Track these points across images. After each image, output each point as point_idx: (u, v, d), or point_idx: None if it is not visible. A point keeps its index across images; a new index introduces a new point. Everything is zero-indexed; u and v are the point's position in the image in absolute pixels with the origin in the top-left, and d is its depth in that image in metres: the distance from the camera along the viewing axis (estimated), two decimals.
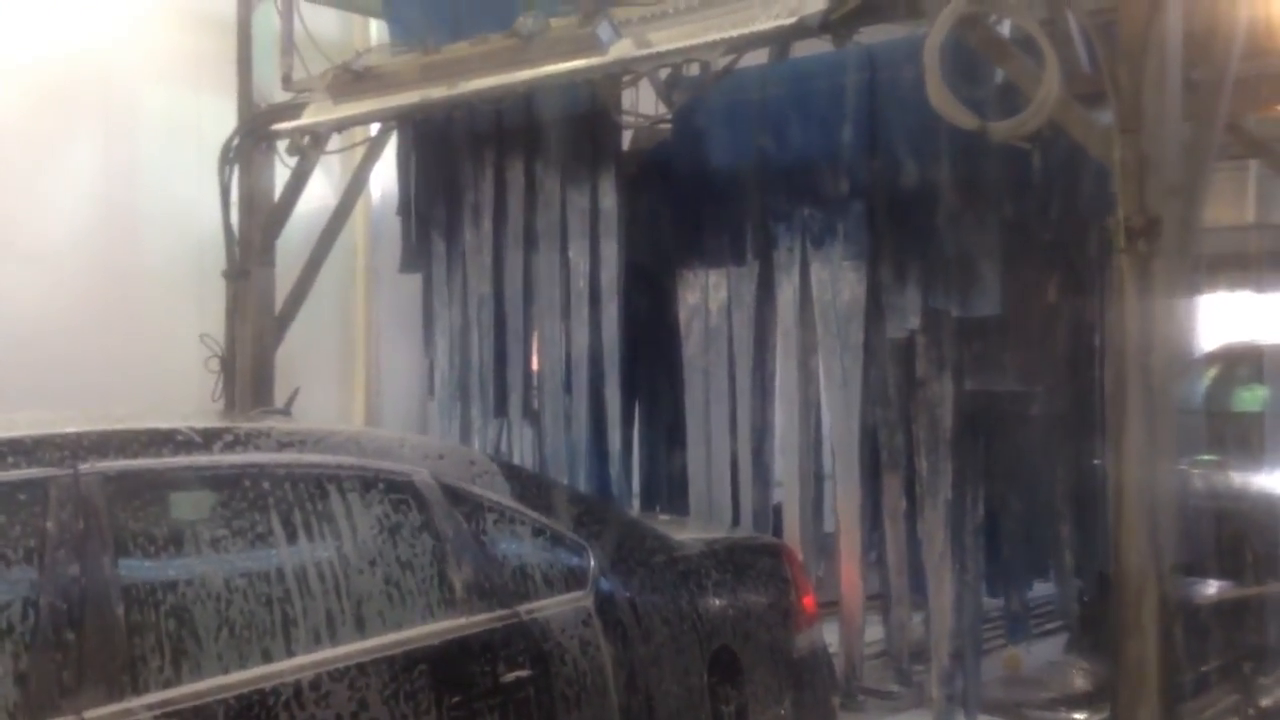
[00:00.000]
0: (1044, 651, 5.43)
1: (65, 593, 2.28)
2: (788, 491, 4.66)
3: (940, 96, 3.07)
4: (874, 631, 4.77)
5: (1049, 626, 5.52)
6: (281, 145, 5.72)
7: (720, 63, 4.06)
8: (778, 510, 4.82)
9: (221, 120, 5.92)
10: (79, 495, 2.38)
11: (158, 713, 2.30)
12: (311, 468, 2.83)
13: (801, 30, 3.43)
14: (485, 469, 3.19)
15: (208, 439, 2.66)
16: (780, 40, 4.08)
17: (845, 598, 4.53)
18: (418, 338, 6.16)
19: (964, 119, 3.11)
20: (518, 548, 3.12)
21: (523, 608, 2.99)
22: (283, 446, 2.83)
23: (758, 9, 3.49)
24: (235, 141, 5.76)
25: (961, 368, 4.31)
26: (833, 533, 4.72)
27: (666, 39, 3.71)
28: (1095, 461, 4.66)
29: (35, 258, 6.18)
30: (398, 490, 2.93)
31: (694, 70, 4.34)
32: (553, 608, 3.06)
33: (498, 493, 3.14)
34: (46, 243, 6.27)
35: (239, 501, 2.74)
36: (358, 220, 7.33)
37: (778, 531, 4.73)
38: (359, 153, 6.33)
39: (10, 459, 2.36)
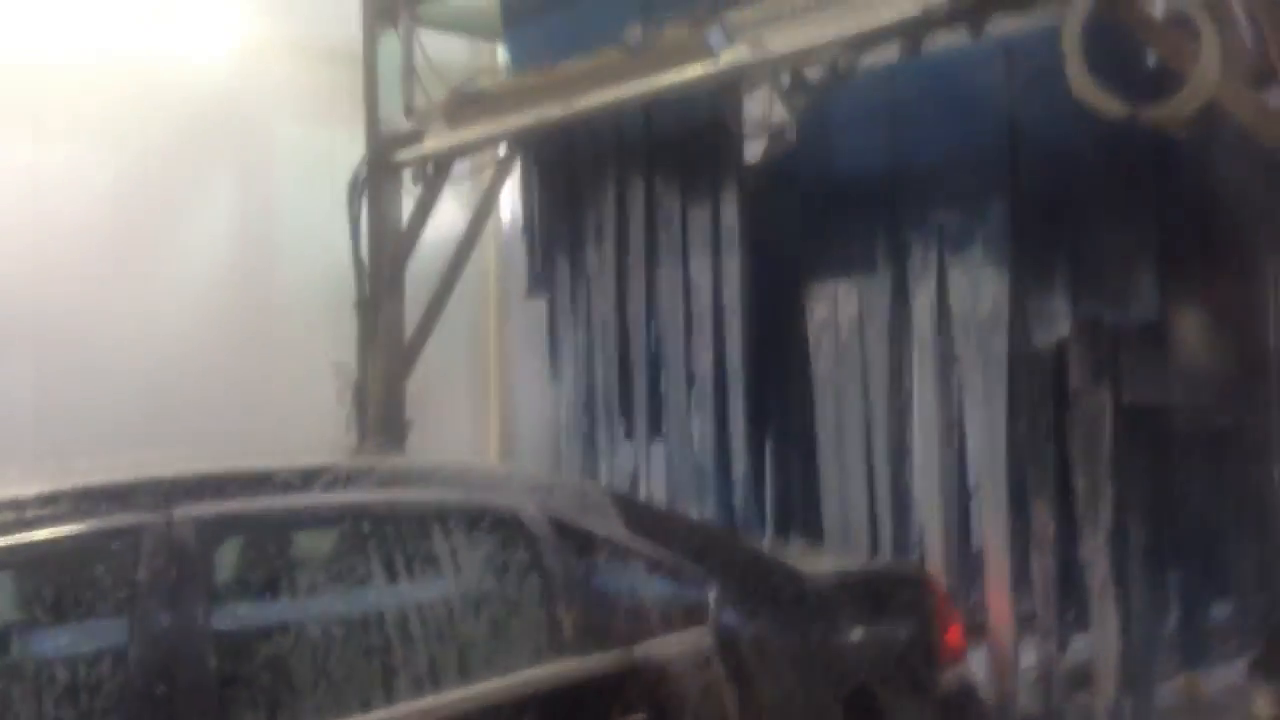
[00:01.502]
0: (1225, 676, 4.96)
1: (157, 643, 2.23)
2: (928, 515, 4.36)
3: (1082, 83, 2.79)
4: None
5: (1230, 649, 5.04)
6: (407, 174, 5.76)
7: (848, 63, 3.84)
8: (921, 536, 4.53)
9: (353, 152, 6.00)
10: (172, 541, 2.33)
11: None
12: (413, 506, 2.74)
13: (928, 22, 3.19)
14: (597, 501, 3.04)
15: (306, 479, 2.59)
16: (905, 34, 3.82)
17: (994, 627, 4.21)
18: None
19: (1110, 106, 2.81)
20: (632, 584, 2.96)
21: (637, 648, 2.82)
22: (384, 484, 2.75)
23: (879, 3, 3.26)
24: (362, 172, 5.81)
25: (1120, 380, 3.95)
26: (981, 554, 4.41)
27: (783, 42, 3.52)
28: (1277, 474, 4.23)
29: (177, 291, 6.41)
30: (504, 526, 2.80)
31: (820, 73, 4.14)
32: (670, 647, 2.88)
33: (610, 526, 2.98)
34: (188, 277, 6.51)
35: (338, 543, 2.68)
36: (488, 245, 7.36)
37: (919, 558, 4.44)
38: (490, 178, 6.34)
39: (103, 505, 2.33)
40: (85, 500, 2.34)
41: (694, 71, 3.70)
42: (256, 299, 6.64)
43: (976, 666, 4.13)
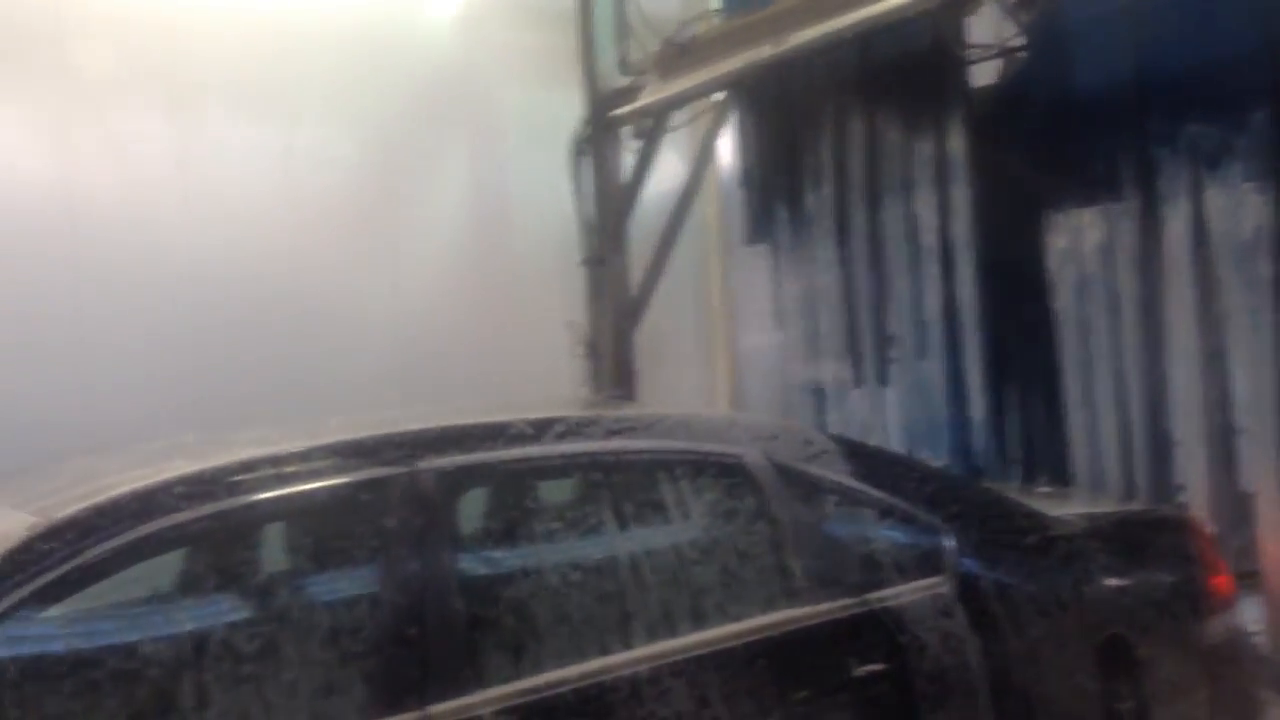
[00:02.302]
0: None
1: (407, 588, 2.34)
2: (1191, 455, 4.05)
3: None
4: None
5: None
6: (626, 130, 5.80)
7: None
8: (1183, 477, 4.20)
9: (575, 112, 6.10)
10: (417, 492, 2.44)
11: (498, 707, 2.31)
12: (640, 454, 2.76)
13: None
14: (823, 448, 2.98)
15: (539, 430, 2.65)
16: None
17: (1268, 571, 3.88)
18: None
19: None
20: (863, 531, 2.88)
21: (872, 596, 2.76)
22: (611, 434, 2.78)
23: None
24: (582, 131, 5.90)
25: None
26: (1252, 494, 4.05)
27: None
28: None
29: (418, 259, 6.73)
30: (730, 474, 2.79)
31: None
32: (907, 595, 2.80)
33: (838, 473, 2.92)
34: (427, 244, 6.81)
35: (571, 491, 2.74)
36: (709, 195, 7.34)
37: (1182, 501, 4.13)
38: (707, 127, 6.30)
39: (353, 460, 2.46)
40: (337, 455, 2.47)
41: None
42: (492, 262, 6.89)
43: (1249, 615, 3.84)
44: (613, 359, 6.04)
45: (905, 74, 4.55)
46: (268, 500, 2.38)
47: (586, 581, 2.55)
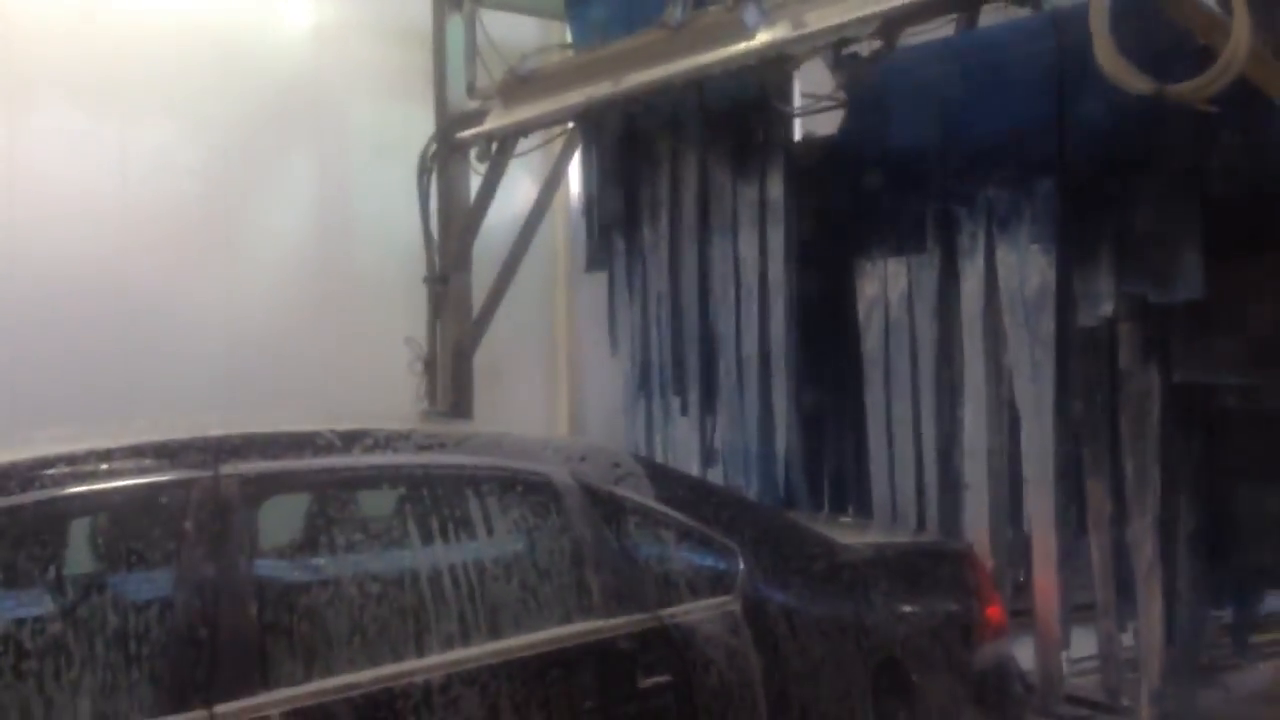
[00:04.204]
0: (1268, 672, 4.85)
1: (200, 591, 2.38)
2: (975, 494, 4.35)
3: (1109, 59, 2.77)
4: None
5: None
6: (474, 152, 5.89)
7: (891, 39, 3.84)
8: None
9: (425, 131, 6.17)
10: (217, 496, 2.48)
11: (286, 709, 2.37)
12: (448, 469, 2.86)
13: None
14: (630, 470, 3.13)
15: (347, 441, 2.72)
16: (939, 9, 3.77)
17: (1039, 607, 4.20)
18: None
19: (1136, 82, 2.78)
20: (660, 551, 3.04)
21: (664, 612, 2.91)
22: (422, 449, 2.87)
23: None
24: (430, 150, 5.97)
25: (1169, 358, 3.90)
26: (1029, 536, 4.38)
27: (821, 19, 3.53)
28: None
29: (257, 266, 6.65)
30: (536, 492, 2.91)
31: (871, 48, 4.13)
32: (697, 613, 2.96)
33: (641, 494, 3.07)
34: (267, 252, 6.74)
35: (376, 503, 2.81)
36: (557, 221, 7.47)
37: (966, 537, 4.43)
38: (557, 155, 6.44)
39: (154, 461, 2.49)
40: (139, 456, 2.49)
41: (733, 49, 3.73)
42: (333, 274, 6.86)
43: (1025, 648, 4.14)
44: (450, 377, 6.10)
45: (735, 121, 4.78)
46: (65, 498, 2.39)
47: (385, 591, 2.63)
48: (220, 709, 2.31)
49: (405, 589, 2.65)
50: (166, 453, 2.50)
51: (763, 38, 3.64)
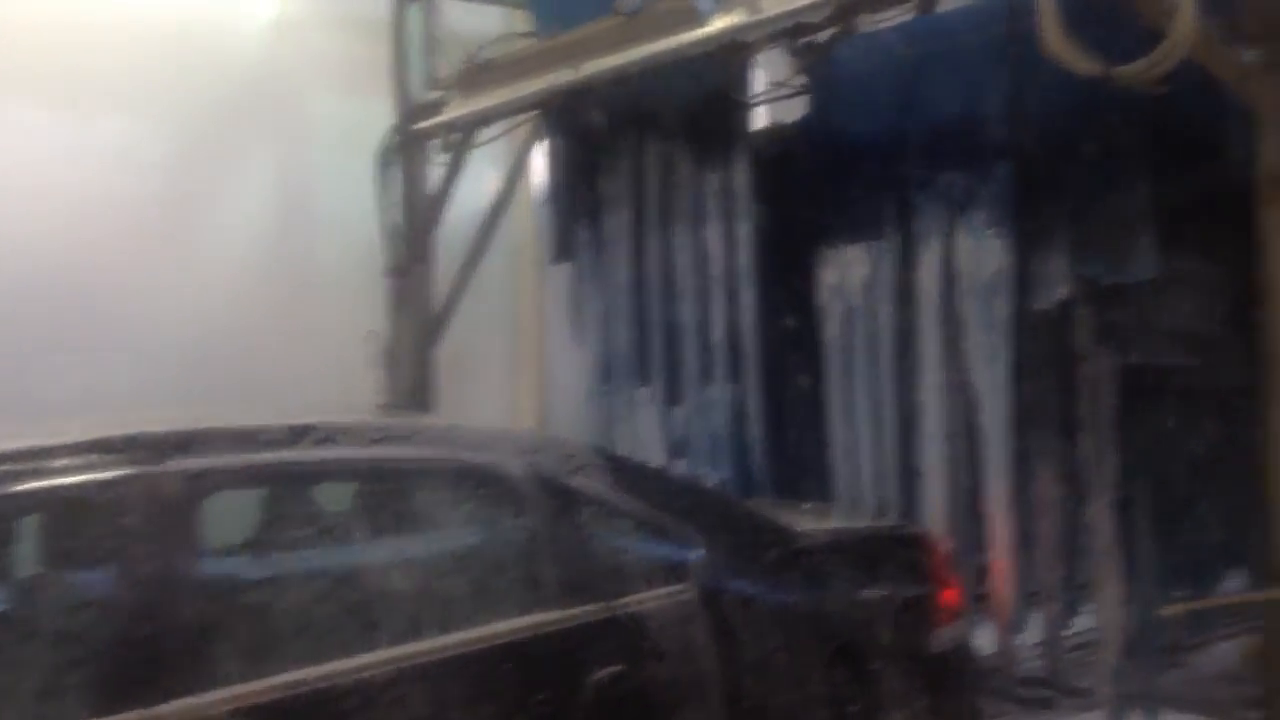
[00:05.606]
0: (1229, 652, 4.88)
1: (143, 588, 2.34)
2: (933, 479, 4.37)
3: (1055, 41, 2.77)
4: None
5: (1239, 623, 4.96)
6: (435, 144, 5.85)
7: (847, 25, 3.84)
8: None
9: (387, 121, 6.10)
10: (161, 492, 2.44)
11: (232, 707, 2.34)
12: (399, 462, 2.83)
13: None
14: (586, 461, 3.10)
15: (296, 435, 2.69)
16: None
17: (996, 591, 4.23)
18: None
19: (1083, 65, 2.79)
20: (615, 541, 3.03)
21: (618, 603, 2.90)
22: (372, 442, 2.84)
23: None
24: (389, 141, 5.92)
25: (1125, 340, 3.93)
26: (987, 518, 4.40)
27: (776, 4, 3.51)
28: None
29: (216, 260, 6.58)
30: (489, 484, 2.89)
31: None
32: (651, 602, 2.95)
33: (597, 485, 3.05)
34: (226, 245, 6.68)
35: (325, 497, 2.78)
36: (522, 212, 7.41)
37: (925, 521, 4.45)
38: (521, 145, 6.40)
39: (97, 457, 2.45)
40: (82, 452, 2.45)
41: (689, 36, 3.72)
42: (293, 267, 6.79)
43: (983, 631, 4.16)
44: (411, 371, 6.06)
45: (696, 110, 4.77)
46: (4, 496, 2.35)
47: (334, 587, 2.60)
48: (164, 709, 2.27)
49: (355, 584, 2.62)
50: (109, 448, 2.46)
51: (718, 24, 3.63)
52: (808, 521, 3.59)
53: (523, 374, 7.76)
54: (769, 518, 3.49)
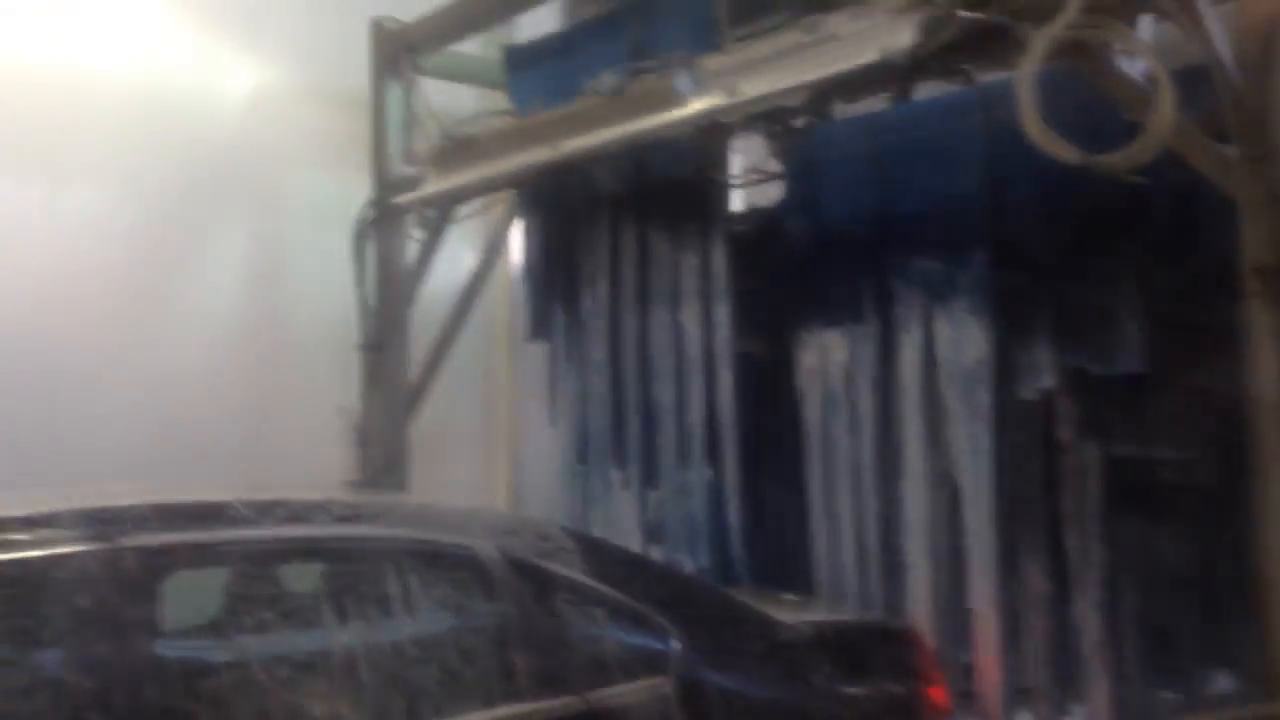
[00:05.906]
0: None
1: (96, 671, 2.23)
2: (917, 572, 4.27)
3: (1037, 129, 2.77)
4: None
5: None
6: (411, 219, 5.82)
7: (824, 110, 3.85)
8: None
9: (364, 196, 6.08)
10: (117, 570, 2.33)
11: None
12: (367, 541, 2.73)
13: (888, 69, 3.18)
14: (560, 545, 3.01)
15: (260, 512, 2.59)
16: (867, 83, 3.76)
17: (983, 688, 4.11)
18: None
19: (1064, 152, 2.78)
20: (591, 629, 2.92)
21: (592, 695, 2.78)
22: (341, 520, 2.74)
23: (848, 49, 3.26)
24: (366, 216, 5.89)
25: (1111, 432, 3.87)
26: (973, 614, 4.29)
27: (754, 88, 3.52)
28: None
29: (189, 333, 6.49)
30: (460, 566, 2.79)
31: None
32: (628, 695, 2.84)
33: (572, 570, 2.96)
34: (199, 318, 6.60)
35: (290, 577, 2.67)
36: (499, 289, 7.39)
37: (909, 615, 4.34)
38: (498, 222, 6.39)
39: (47, 533, 2.34)
40: (34, 527, 2.34)
41: (667, 117, 3.72)
42: (266, 341, 6.71)
43: None
44: (384, 447, 5.94)
45: (673, 191, 4.76)
46: None
47: (297, 673, 2.48)
48: None
49: (319, 670, 2.51)
50: (62, 523, 2.35)
51: (696, 105, 3.63)
52: (789, 613, 3.50)
53: (496, 453, 7.66)
54: (749, 608, 3.40)
